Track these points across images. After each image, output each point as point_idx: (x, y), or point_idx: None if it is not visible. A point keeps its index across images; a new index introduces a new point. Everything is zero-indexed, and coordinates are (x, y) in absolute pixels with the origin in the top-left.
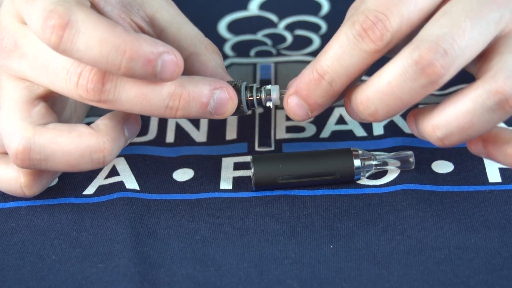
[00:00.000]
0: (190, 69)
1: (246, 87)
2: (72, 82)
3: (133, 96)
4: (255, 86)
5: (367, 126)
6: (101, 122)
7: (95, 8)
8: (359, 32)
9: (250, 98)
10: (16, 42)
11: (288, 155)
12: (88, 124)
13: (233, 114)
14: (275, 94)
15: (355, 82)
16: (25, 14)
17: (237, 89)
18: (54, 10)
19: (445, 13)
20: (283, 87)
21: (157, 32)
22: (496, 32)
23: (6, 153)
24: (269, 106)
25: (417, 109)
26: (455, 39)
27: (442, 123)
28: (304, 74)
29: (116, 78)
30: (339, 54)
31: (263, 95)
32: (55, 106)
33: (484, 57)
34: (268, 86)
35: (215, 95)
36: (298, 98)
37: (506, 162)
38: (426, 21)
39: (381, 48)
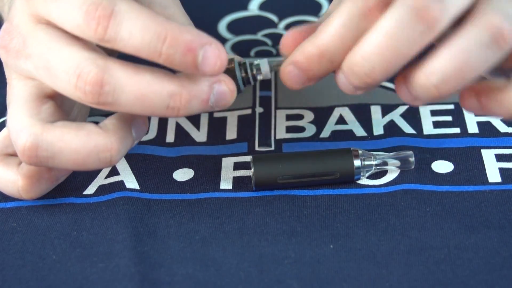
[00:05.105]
0: None
1: (239, 64)
2: (72, 84)
3: (133, 98)
4: (247, 62)
5: (367, 126)
6: (109, 122)
7: None
8: (363, 11)
9: (244, 76)
10: (25, 41)
11: (288, 155)
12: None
13: None
14: (265, 68)
15: None
16: (52, 13)
17: (231, 70)
18: (96, 2)
19: None
20: (284, 87)
21: None
22: None
23: (10, 155)
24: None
25: (405, 69)
26: None
27: (437, 68)
28: (304, 48)
29: (115, 80)
30: (342, 33)
31: (254, 71)
32: (63, 105)
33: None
34: (257, 61)
35: (215, 90)
36: (297, 69)
37: (502, 112)
38: None
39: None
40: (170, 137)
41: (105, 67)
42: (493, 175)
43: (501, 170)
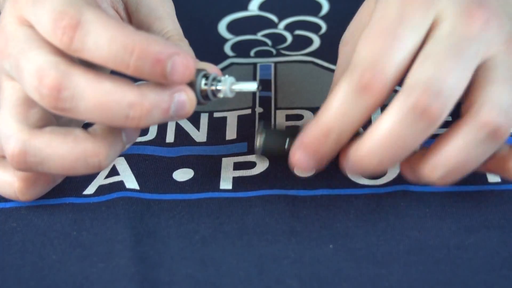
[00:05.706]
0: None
1: (204, 75)
2: (33, 85)
3: (92, 105)
4: (211, 76)
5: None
6: (99, 127)
7: None
8: (360, 88)
9: (204, 88)
10: (7, 42)
11: (296, 127)
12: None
13: None
14: (224, 86)
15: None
16: (32, 16)
17: (192, 82)
18: (64, 11)
19: (427, 56)
20: (284, 87)
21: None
22: (475, 65)
23: (5, 157)
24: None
25: (409, 156)
26: (443, 79)
27: (440, 163)
28: (309, 131)
29: (75, 86)
30: (343, 111)
31: (213, 87)
32: None
33: (467, 91)
34: (222, 77)
35: (175, 99)
36: (305, 153)
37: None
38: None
39: (383, 99)
40: (170, 137)
41: (66, 72)
42: (493, 175)
43: None
